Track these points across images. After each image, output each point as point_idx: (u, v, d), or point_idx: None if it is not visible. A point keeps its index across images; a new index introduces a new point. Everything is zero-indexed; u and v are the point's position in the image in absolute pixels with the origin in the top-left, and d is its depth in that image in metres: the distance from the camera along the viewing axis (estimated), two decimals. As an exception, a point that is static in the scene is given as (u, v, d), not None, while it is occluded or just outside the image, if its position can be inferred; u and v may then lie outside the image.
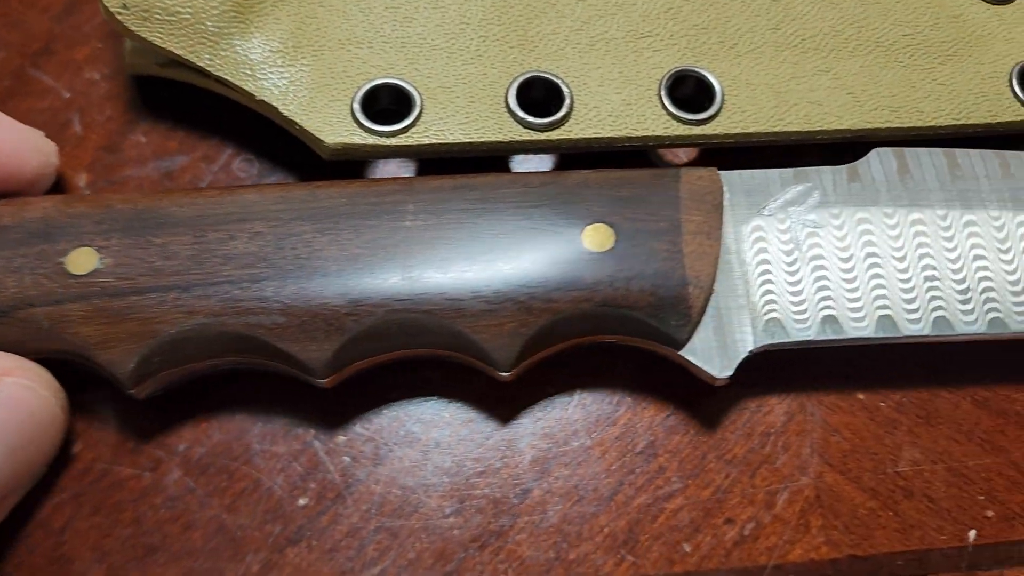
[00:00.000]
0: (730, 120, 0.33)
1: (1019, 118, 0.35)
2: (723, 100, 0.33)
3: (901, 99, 0.34)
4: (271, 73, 0.32)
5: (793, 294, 0.30)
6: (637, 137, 0.32)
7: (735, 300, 0.30)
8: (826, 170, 0.32)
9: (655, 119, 0.33)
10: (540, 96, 0.33)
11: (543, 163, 0.35)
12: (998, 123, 0.35)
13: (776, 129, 0.33)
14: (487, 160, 0.34)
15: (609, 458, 0.31)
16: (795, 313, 0.30)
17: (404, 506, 0.30)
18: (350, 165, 0.34)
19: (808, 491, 0.31)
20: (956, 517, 0.31)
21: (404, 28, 0.33)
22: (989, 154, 0.33)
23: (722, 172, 0.31)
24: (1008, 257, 0.31)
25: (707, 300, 0.29)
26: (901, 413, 0.33)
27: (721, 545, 0.30)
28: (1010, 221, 0.31)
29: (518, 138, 0.32)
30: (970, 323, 0.30)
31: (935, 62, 0.35)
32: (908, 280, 0.30)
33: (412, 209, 0.28)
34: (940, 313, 0.30)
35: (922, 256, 0.31)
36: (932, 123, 0.34)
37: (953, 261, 0.31)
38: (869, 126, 0.34)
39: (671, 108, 0.33)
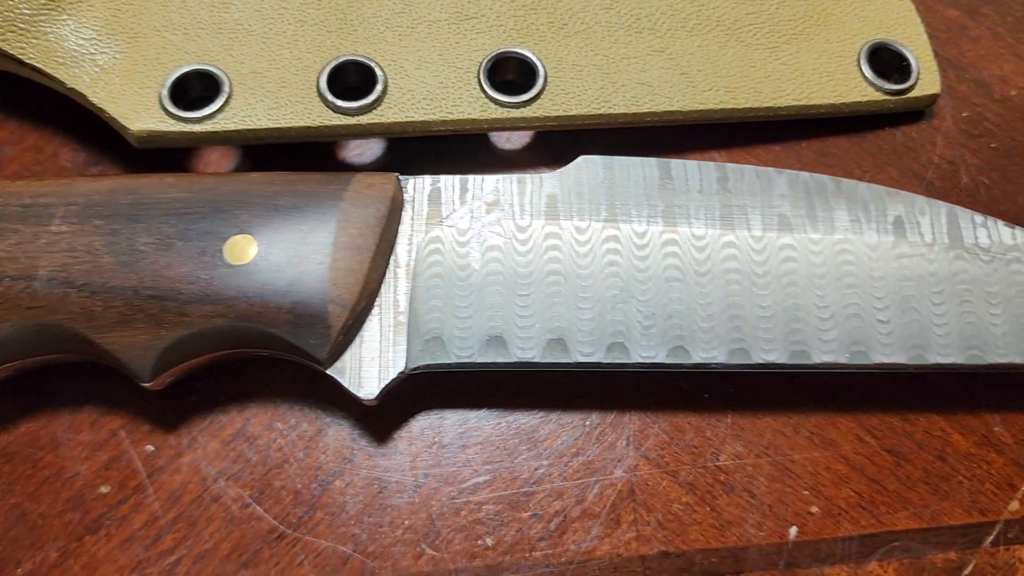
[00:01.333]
0: (552, 102, 0.32)
1: (865, 98, 0.34)
2: (546, 82, 0.32)
3: (738, 79, 0.33)
4: (84, 61, 0.32)
5: (461, 312, 0.28)
6: (452, 120, 0.32)
7: (396, 317, 0.28)
8: (526, 178, 0.30)
9: (472, 102, 0.32)
10: (356, 81, 0.32)
11: (373, 147, 0.35)
12: (843, 103, 0.34)
13: (601, 111, 0.32)
14: (304, 146, 0.33)
15: (415, 449, 0.31)
16: (459, 332, 0.28)
17: (204, 496, 0.30)
18: (175, 154, 0.34)
19: (622, 485, 0.30)
20: (778, 513, 0.30)
21: (221, 13, 0.33)
22: (709, 167, 0.30)
23: (410, 177, 0.30)
24: (704, 280, 0.29)
25: (354, 319, 0.28)
26: (726, 405, 0.31)
27: (525, 539, 0.29)
28: (715, 241, 0.29)
29: (328, 123, 0.31)
30: (648, 350, 0.28)
31: (779, 41, 0.34)
32: (589, 301, 0.28)
33: (61, 213, 0.28)
34: (618, 339, 0.28)
35: (610, 277, 0.28)
36: (771, 104, 0.33)
37: (642, 283, 0.28)
38: (701, 107, 0.33)
39: (489, 90, 0.32)
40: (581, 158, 0.30)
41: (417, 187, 0.29)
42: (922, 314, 0.29)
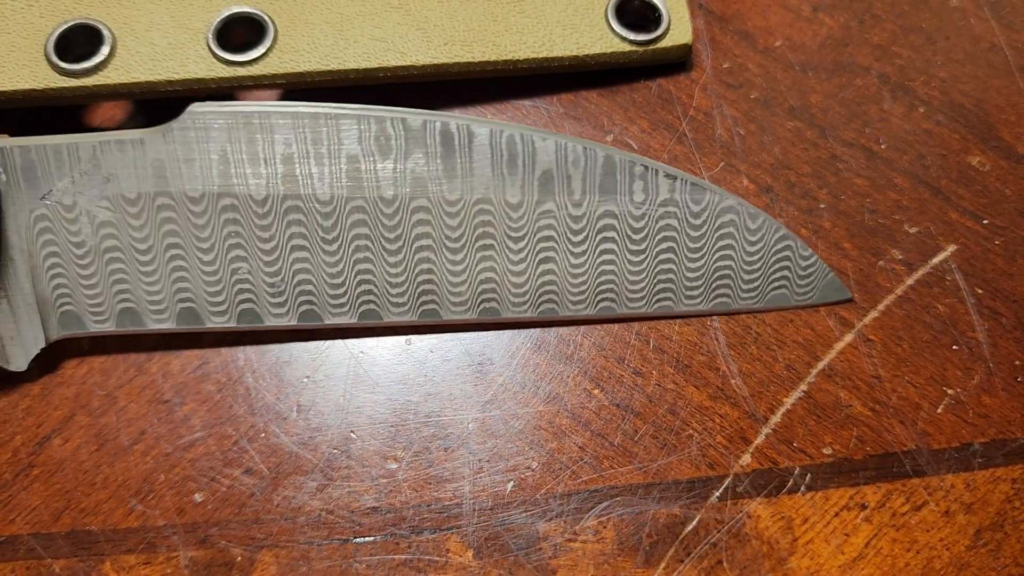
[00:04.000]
0: (280, 60, 0.32)
1: (611, 49, 0.33)
2: (275, 40, 0.32)
3: (477, 32, 0.33)
4: None
5: (88, 287, 0.28)
6: (178, 80, 0.32)
7: (24, 297, 0.28)
8: (126, 141, 0.28)
9: (199, 61, 0.32)
10: (87, 45, 0.32)
11: (123, 109, 0.35)
12: (588, 55, 0.33)
13: (331, 67, 0.32)
14: (54, 110, 0.33)
15: (134, 407, 0.30)
16: (91, 306, 0.29)
17: (-75, 456, 0.30)
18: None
19: (338, 441, 0.30)
20: (496, 468, 0.30)
21: (-42, -20, 0.33)
22: (343, 119, 0.28)
23: (2, 149, 0.28)
24: (331, 245, 0.28)
25: None
26: (450, 361, 0.31)
27: (236, 495, 0.29)
28: (341, 206, 0.28)
29: (53, 85, 0.31)
30: (279, 316, 0.29)
31: (525, -7, 0.33)
32: (215, 271, 0.29)
33: None
34: (248, 306, 0.29)
35: (231, 242, 0.28)
36: (510, 57, 0.33)
37: (266, 249, 0.28)
38: (435, 61, 0.32)
39: (216, 50, 0.32)
40: (193, 106, 0.28)
41: (8, 162, 0.28)
42: (559, 275, 0.29)
